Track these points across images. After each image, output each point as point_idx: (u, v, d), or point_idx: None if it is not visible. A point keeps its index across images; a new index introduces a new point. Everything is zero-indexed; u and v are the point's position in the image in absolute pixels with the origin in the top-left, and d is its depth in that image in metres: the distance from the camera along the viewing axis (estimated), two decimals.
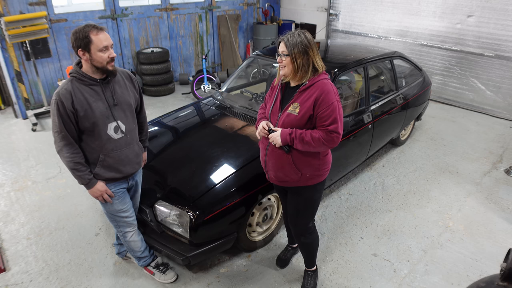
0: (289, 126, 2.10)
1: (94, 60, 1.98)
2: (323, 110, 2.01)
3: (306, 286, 2.63)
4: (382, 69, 4.20)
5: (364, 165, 4.23)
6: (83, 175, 2.13)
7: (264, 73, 4.74)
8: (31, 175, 4.02)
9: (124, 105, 2.18)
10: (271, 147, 2.21)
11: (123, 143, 2.20)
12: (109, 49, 2.00)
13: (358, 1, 6.81)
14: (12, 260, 2.90)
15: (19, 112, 5.40)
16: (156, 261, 2.71)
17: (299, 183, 2.22)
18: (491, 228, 3.26)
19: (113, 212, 2.36)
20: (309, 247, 2.54)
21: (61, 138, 2.03)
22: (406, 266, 2.85)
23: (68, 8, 5.75)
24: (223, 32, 7.43)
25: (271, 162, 2.24)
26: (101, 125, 2.08)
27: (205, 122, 3.46)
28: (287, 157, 2.15)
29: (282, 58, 2.04)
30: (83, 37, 1.93)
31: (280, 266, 2.82)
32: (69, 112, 1.99)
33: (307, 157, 2.15)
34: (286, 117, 2.11)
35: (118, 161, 2.20)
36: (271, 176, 2.31)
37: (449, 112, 5.85)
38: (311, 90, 2.05)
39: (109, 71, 2.05)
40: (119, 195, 2.32)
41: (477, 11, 5.45)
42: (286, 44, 2.01)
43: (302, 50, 1.99)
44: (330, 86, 2.05)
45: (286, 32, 2.09)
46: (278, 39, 2.09)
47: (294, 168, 2.16)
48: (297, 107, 2.07)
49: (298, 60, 2.01)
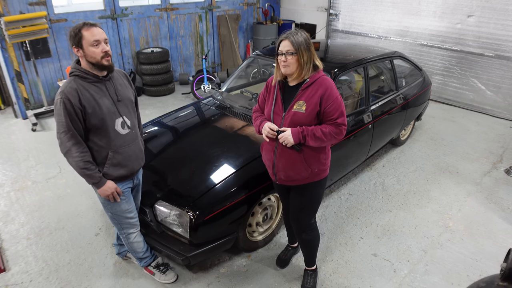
0: (297, 124, 2.11)
1: (87, 55, 1.98)
2: (330, 105, 2.07)
3: (305, 285, 2.63)
4: (382, 69, 4.20)
5: (364, 165, 4.23)
6: (93, 174, 2.10)
7: (264, 73, 4.74)
8: (31, 175, 4.02)
9: (126, 101, 2.21)
10: (280, 148, 2.20)
11: (130, 138, 2.22)
12: (101, 43, 1.97)
13: (358, 1, 6.81)
14: (12, 260, 2.90)
15: (19, 112, 5.39)
16: (157, 261, 2.71)
17: (307, 180, 2.26)
18: (491, 228, 3.26)
19: (119, 212, 2.34)
20: (310, 244, 2.56)
21: (69, 137, 2.00)
22: (406, 266, 2.85)
23: (68, 8, 5.75)
24: (223, 32, 7.43)
25: (281, 163, 2.23)
26: (109, 121, 2.09)
27: (205, 122, 3.46)
28: (298, 155, 2.17)
29: (286, 57, 2.03)
30: (75, 33, 1.94)
31: (280, 266, 2.82)
32: (77, 109, 1.97)
33: (316, 152, 2.20)
34: (292, 116, 2.12)
35: (126, 157, 2.21)
36: (280, 176, 2.29)
37: (449, 112, 5.85)
38: (315, 87, 2.09)
39: (105, 66, 2.03)
40: (126, 195, 2.32)
41: (477, 11, 5.45)
42: (292, 42, 2.01)
43: (306, 48, 2.04)
44: (331, 81, 2.14)
45: (285, 32, 2.09)
46: (280, 38, 2.09)
47: (305, 165, 2.19)
48: (303, 105, 2.09)
49: (304, 57, 2.04)
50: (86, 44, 1.95)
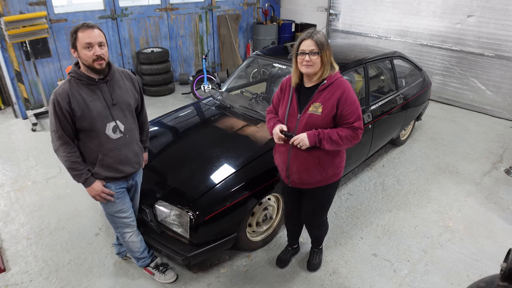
0: (312, 126, 2.09)
1: (81, 57, 1.98)
2: (347, 108, 2.05)
3: (312, 261, 2.77)
4: (382, 69, 4.20)
5: (364, 165, 4.22)
6: (80, 174, 2.13)
7: (264, 73, 4.74)
8: (31, 175, 4.02)
9: (123, 105, 2.17)
10: (294, 151, 2.18)
11: (122, 143, 2.20)
12: (94, 46, 1.94)
13: (358, 1, 6.81)
14: (12, 260, 2.90)
15: (19, 112, 5.39)
16: (156, 261, 2.70)
17: (321, 183, 2.26)
18: (491, 228, 3.26)
19: (112, 212, 2.35)
20: (321, 235, 2.70)
21: (57, 137, 2.03)
22: (406, 266, 2.85)
23: (68, 8, 5.75)
24: (223, 32, 7.43)
25: (295, 166, 2.22)
26: (99, 124, 2.08)
27: (205, 122, 3.46)
28: (313, 159, 2.16)
29: (310, 57, 1.99)
30: (71, 34, 1.95)
31: (280, 266, 2.83)
32: (65, 112, 1.98)
33: (332, 156, 2.19)
34: (308, 117, 2.09)
35: (117, 160, 2.20)
36: (293, 179, 2.28)
37: (449, 112, 5.85)
38: (332, 89, 2.06)
39: (96, 70, 2.00)
40: (119, 195, 2.31)
41: (477, 11, 5.45)
42: (316, 42, 1.98)
43: (327, 47, 2.02)
44: (349, 84, 2.10)
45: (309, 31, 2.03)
46: (301, 38, 2.04)
47: (320, 168, 2.18)
48: (319, 107, 2.07)
49: (327, 57, 2.02)
50: (79, 46, 1.94)
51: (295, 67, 2.10)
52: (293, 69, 2.12)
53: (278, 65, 3.75)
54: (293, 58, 2.10)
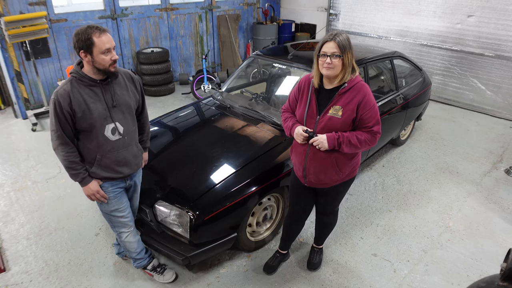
0: (332, 129, 2.08)
1: (96, 62, 1.97)
2: (366, 112, 2.05)
3: (312, 261, 2.76)
4: (382, 69, 4.20)
5: (364, 165, 4.22)
6: (77, 174, 2.14)
7: (264, 73, 4.74)
8: (31, 175, 4.02)
9: (123, 107, 2.17)
10: (312, 151, 2.18)
11: (120, 144, 2.20)
12: (111, 51, 1.98)
13: (358, 1, 6.81)
14: (12, 260, 2.90)
15: (19, 112, 5.39)
16: (152, 263, 2.69)
17: (337, 182, 2.28)
18: (491, 228, 3.26)
19: (107, 211, 2.35)
20: (327, 227, 2.70)
21: (57, 137, 2.04)
22: (406, 266, 2.85)
23: (68, 8, 5.74)
24: (223, 32, 7.43)
25: (313, 166, 2.22)
26: (98, 126, 2.08)
27: (205, 122, 3.46)
28: (330, 160, 2.16)
29: (331, 60, 1.97)
30: (86, 39, 1.91)
31: (267, 272, 2.77)
32: (66, 113, 1.99)
33: (349, 159, 2.21)
34: (328, 120, 2.09)
35: (115, 162, 2.20)
36: (310, 180, 2.29)
37: (449, 112, 5.85)
38: (352, 93, 2.06)
39: (111, 72, 2.04)
40: (116, 194, 2.31)
41: (477, 11, 5.45)
42: (339, 44, 1.96)
43: (350, 50, 2.00)
44: (369, 88, 2.10)
45: (332, 33, 2.01)
46: (323, 39, 2.01)
47: (337, 169, 2.20)
48: (339, 110, 2.06)
49: (349, 60, 2.00)
50: (96, 51, 1.93)
51: (316, 68, 2.08)
52: (314, 70, 2.10)
53: (278, 65, 3.75)
54: (314, 59, 2.08)
